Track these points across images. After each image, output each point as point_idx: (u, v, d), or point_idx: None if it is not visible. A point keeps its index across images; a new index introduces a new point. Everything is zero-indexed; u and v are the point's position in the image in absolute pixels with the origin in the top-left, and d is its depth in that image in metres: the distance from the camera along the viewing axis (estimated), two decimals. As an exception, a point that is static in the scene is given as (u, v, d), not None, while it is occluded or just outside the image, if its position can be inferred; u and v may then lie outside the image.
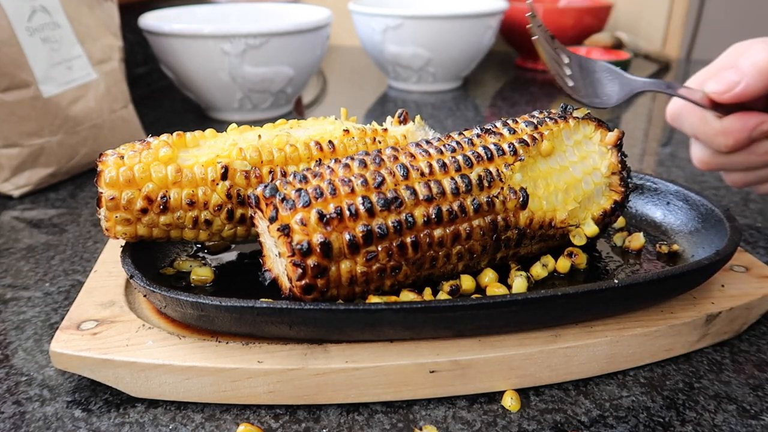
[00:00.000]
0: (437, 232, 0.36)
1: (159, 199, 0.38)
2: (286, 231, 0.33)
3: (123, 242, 0.41)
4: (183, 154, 0.40)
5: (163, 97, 1.04)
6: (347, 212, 0.34)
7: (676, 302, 0.39)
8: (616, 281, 0.35)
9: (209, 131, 0.42)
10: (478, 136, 0.40)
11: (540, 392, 0.36)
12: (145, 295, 0.37)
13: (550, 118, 0.42)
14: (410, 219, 0.35)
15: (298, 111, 0.96)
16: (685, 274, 0.36)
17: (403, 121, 0.46)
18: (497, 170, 0.38)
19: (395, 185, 0.35)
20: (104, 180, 0.38)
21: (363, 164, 0.36)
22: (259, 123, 0.44)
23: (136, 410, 0.34)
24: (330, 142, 0.42)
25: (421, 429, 0.33)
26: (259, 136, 0.42)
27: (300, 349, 0.35)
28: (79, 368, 0.35)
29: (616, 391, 0.36)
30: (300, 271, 0.33)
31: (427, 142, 0.39)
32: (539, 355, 0.35)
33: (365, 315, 0.33)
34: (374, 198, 0.34)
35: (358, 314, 0.33)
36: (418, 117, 0.46)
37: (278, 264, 0.36)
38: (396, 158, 0.37)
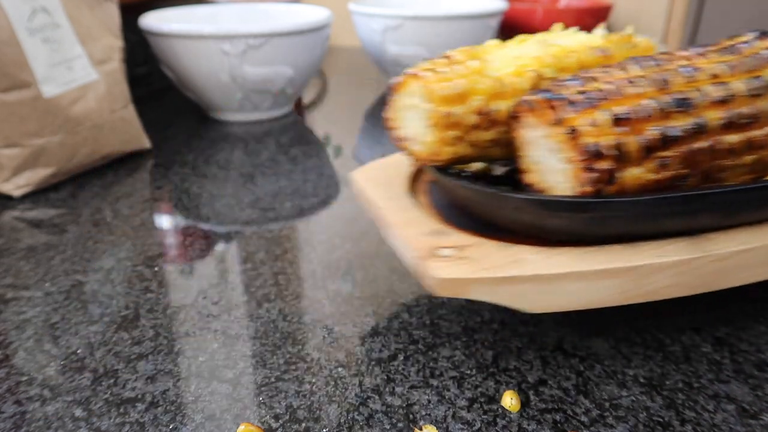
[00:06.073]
0: (730, 139, 0.33)
1: (489, 113, 0.36)
2: (574, 134, 0.32)
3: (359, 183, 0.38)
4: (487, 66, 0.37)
5: (163, 97, 1.04)
6: (640, 113, 0.32)
7: None
8: None
9: (492, 42, 0.40)
10: (746, 42, 0.36)
11: (540, 392, 0.36)
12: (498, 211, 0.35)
13: None
14: (703, 122, 0.32)
15: (298, 111, 0.96)
16: None
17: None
18: None
19: (683, 87, 0.33)
20: (435, 96, 0.35)
21: (640, 68, 0.34)
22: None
23: (137, 410, 0.34)
24: (604, 48, 0.39)
25: (421, 429, 0.33)
26: (554, 45, 0.39)
27: (683, 242, 0.34)
28: (470, 292, 0.33)
29: (616, 390, 0.36)
30: (592, 175, 0.32)
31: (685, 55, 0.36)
32: None
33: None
34: (665, 98, 0.32)
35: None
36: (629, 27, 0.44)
37: (552, 174, 0.34)
38: (672, 61, 0.34)
